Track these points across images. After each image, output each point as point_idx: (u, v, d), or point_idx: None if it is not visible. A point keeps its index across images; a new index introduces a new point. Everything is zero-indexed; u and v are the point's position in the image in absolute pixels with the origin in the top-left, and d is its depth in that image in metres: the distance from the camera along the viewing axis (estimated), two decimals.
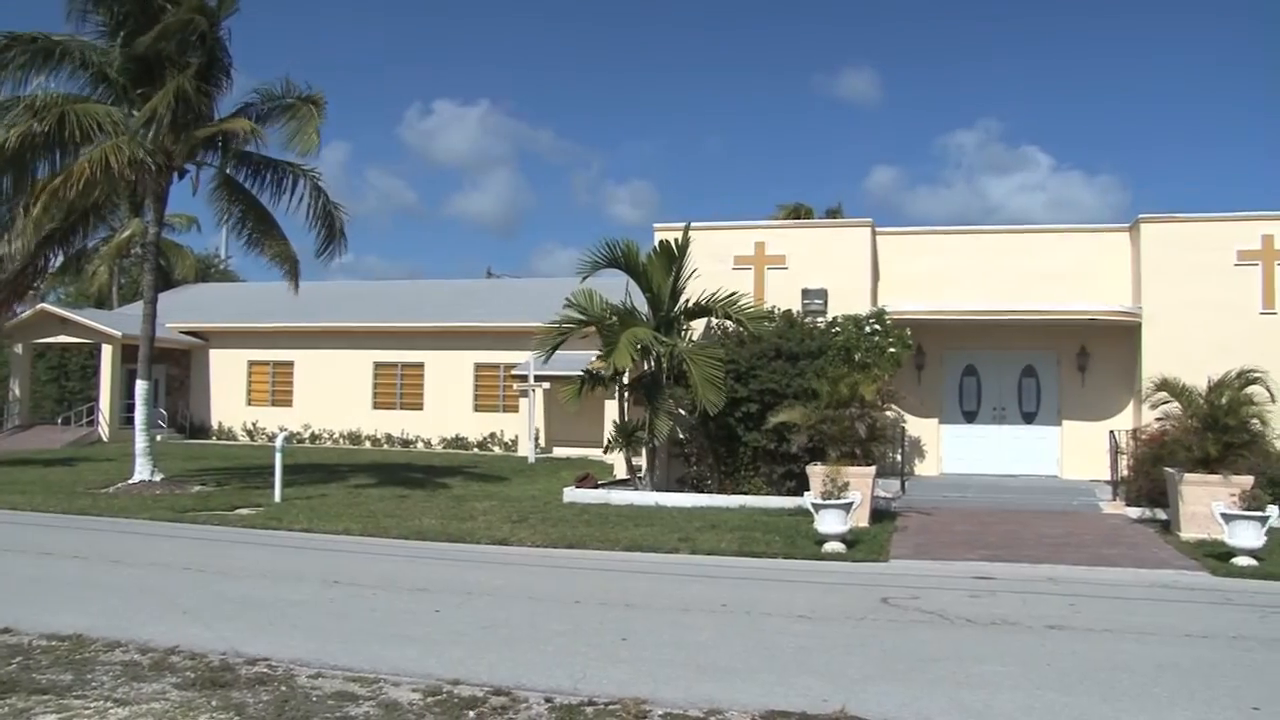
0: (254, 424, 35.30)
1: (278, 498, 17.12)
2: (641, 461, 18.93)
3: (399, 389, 34.64)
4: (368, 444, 34.05)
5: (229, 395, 36.01)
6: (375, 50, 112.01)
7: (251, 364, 36.00)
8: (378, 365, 34.80)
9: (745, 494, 17.55)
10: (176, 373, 36.32)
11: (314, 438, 34.52)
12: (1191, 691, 6.84)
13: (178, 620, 8.46)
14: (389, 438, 34.07)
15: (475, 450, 32.70)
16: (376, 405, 34.70)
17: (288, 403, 35.42)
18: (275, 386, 35.81)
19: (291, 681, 6.73)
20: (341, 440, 34.41)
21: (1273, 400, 14.96)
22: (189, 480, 20.42)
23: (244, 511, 16.04)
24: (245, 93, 25.67)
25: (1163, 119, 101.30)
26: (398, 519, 15.26)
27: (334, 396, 34.57)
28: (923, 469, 21.37)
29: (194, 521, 15.03)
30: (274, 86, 20.14)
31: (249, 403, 35.94)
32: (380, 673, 6.96)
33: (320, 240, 21.17)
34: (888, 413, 17.41)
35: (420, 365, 34.36)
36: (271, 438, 19.45)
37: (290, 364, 35.49)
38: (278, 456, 17.42)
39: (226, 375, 36.09)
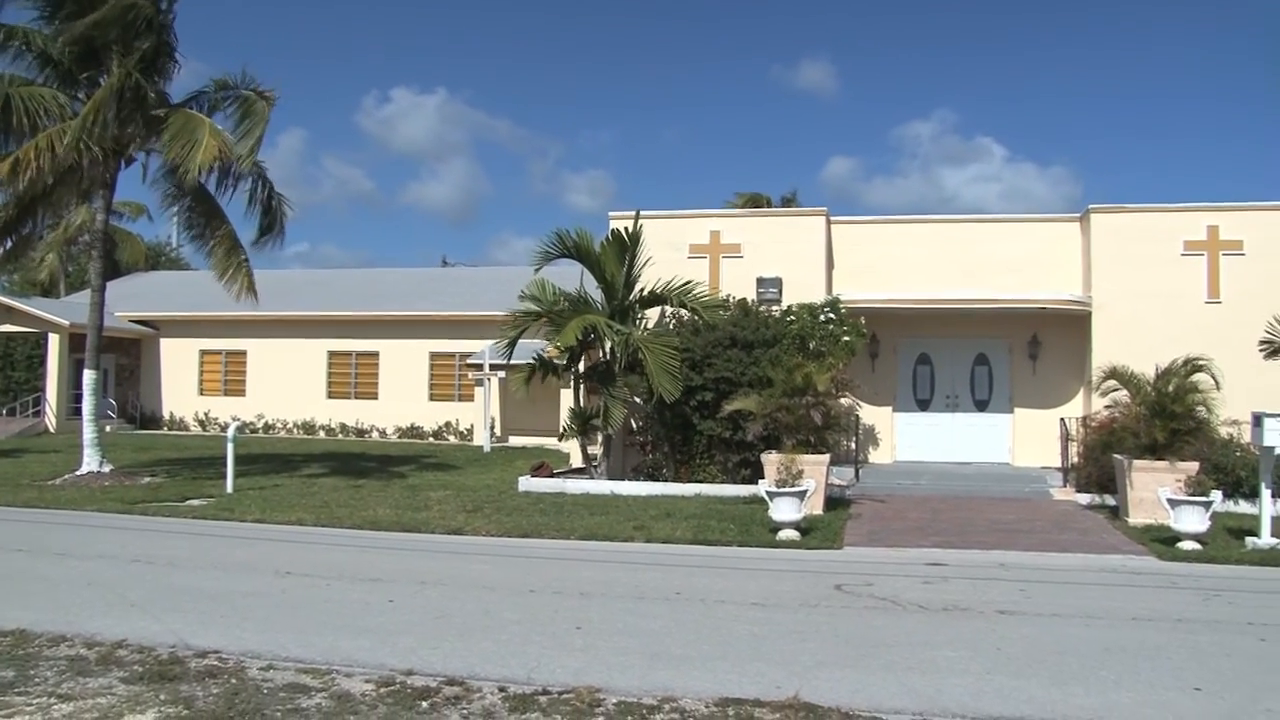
0: (206, 414, 34.93)
1: (230, 488, 16.95)
2: (597, 450, 18.91)
3: (354, 378, 34.41)
4: (322, 434, 33.80)
5: (180, 385, 35.59)
6: (333, 36, 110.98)
7: (203, 353, 35.61)
8: (332, 354, 34.54)
9: (701, 482, 17.60)
10: (126, 362, 35.85)
11: (268, 428, 34.22)
12: (1136, 673, 6.95)
13: (125, 613, 8.34)
14: (344, 427, 33.84)
15: (430, 440, 32.56)
16: (331, 395, 34.45)
17: (241, 392, 35.08)
18: (228, 376, 35.44)
19: (242, 674, 6.66)
20: (295, 430, 34.14)
21: (1217, 388, 15.20)
22: (139, 471, 20.17)
23: (195, 502, 15.86)
24: (202, 79, 25.17)
25: (1112, 111, 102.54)
26: (351, 509, 15.16)
27: (288, 386, 34.28)
28: (877, 457, 21.53)
29: (144, 513, 14.81)
30: (231, 77, 19.68)
31: (201, 392, 35.55)
32: (333, 664, 6.91)
33: (260, 229, 20.82)
34: (842, 401, 17.54)
35: (375, 354, 34.14)
36: (224, 428, 19.25)
37: (243, 353, 35.14)
38: (229, 447, 17.24)
39: (178, 365, 35.66)
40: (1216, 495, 12.67)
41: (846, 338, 18.74)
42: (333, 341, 34.38)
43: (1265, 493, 12.83)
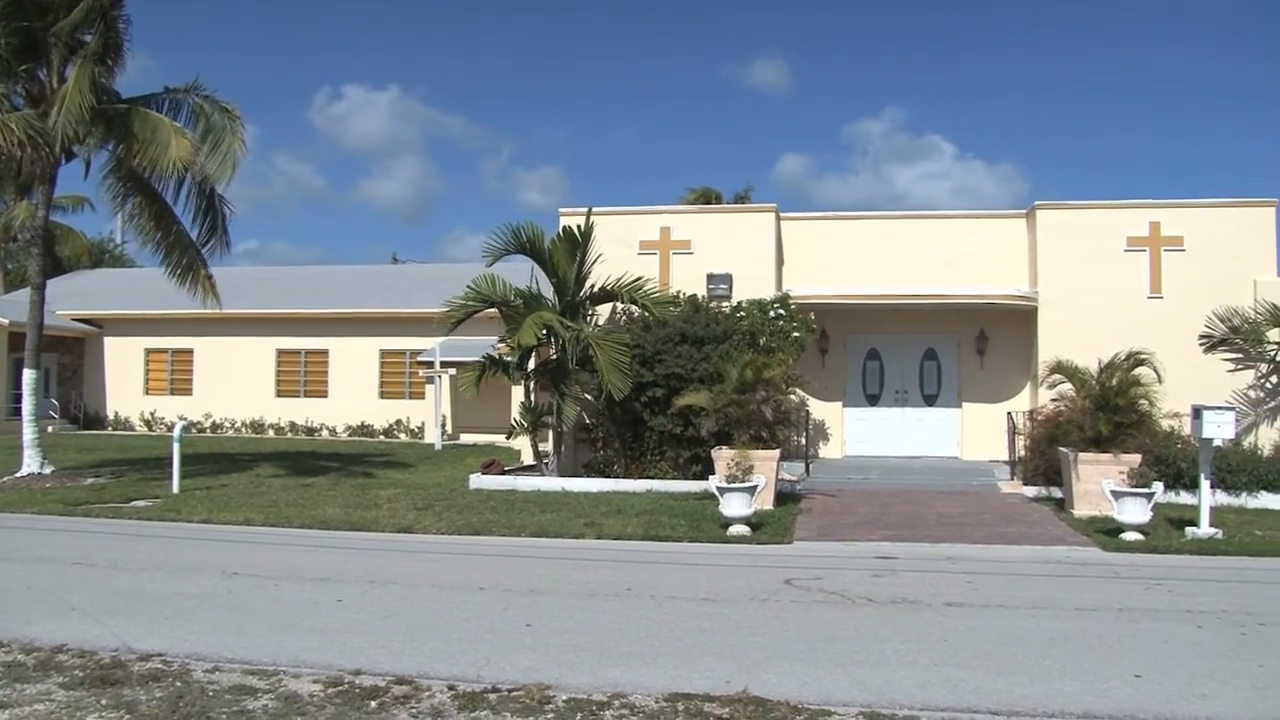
0: (152, 414, 34.44)
1: (176, 488, 16.71)
2: (548, 447, 18.88)
3: (303, 376, 34.09)
4: (271, 432, 33.46)
5: (125, 384, 35.06)
6: (284, 32, 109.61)
7: (149, 352, 35.09)
8: (281, 352, 34.20)
9: (652, 478, 17.62)
10: (69, 361, 35.24)
11: (215, 427, 33.82)
12: (1080, 662, 7.05)
13: (66, 617, 8.19)
14: (293, 426, 33.52)
15: (381, 438, 32.35)
16: (280, 393, 34.10)
17: (187, 391, 34.63)
18: (174, 375, 34.97)
19: (187, 676, 6.57)
20: (244, 429, 33.77)
21: (1159, 381, 15.46)
22: (82, 472, 19.83)
23: (140, 503, 15.61)
24: (150, 74, 24.61)
25: (1059, 109, 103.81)
26: (301, 508, 15.01)
27: (236, 385, 33.89)
28: (827, 451, 21.67)
29: (87, 515, 14.55)
30: (196, 85, 19.30)
31: (147, 392, 35.04)
32: (280, 665, 6.84)
33: (204, 234, 20.51)
34: (792, 396, 17.63)
35: (325, 352, 33.84)
36: (171, 428, 18.97)
37: (190, 351, 34.69)
38: (175, 446, 17.00)
39: (122, 364, 35.11)
40: (1158, 487, 12.88)
41: (796, 333, 18.85)
42: (282, 339, 34.03)
43: (1204, 483, 13.09)
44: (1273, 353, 18.62)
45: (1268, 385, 18.96)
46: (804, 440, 20.09)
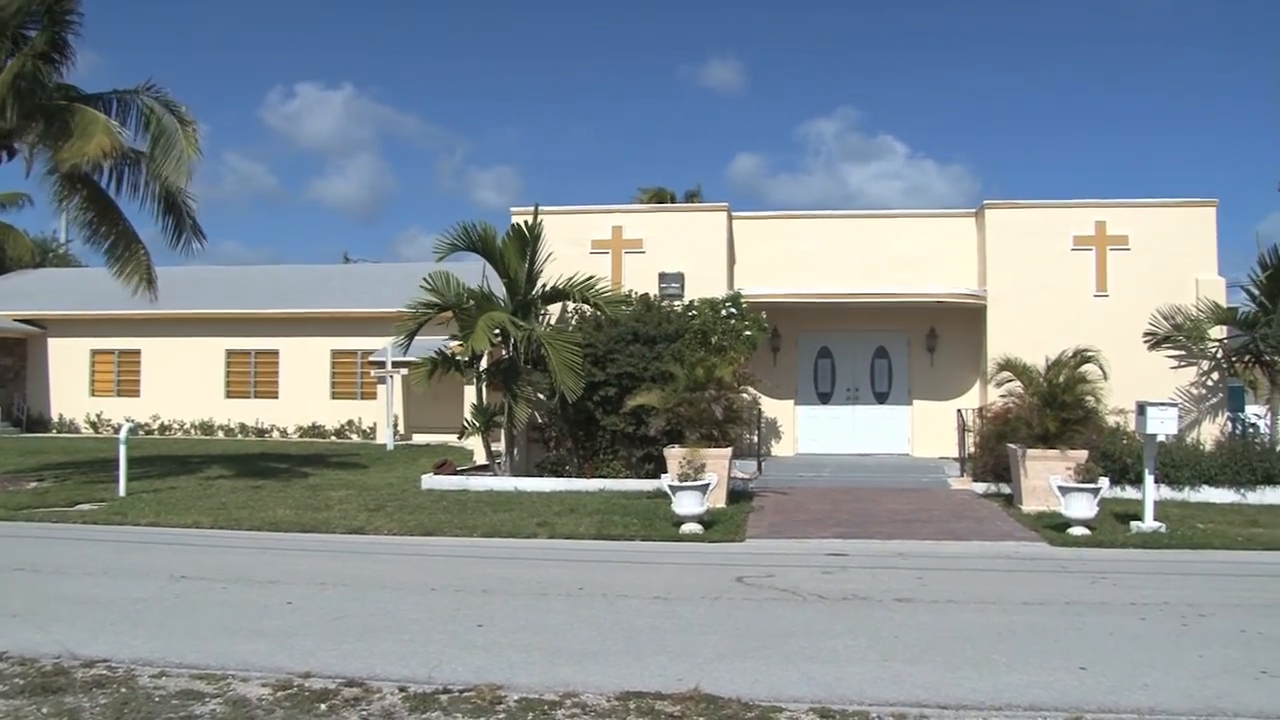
0: (99, 415, 33.92)
1: (123, 491, 16.46)
2: (501, 447, 18.82)
3: (253, 377, 33.72)
4: (221, 434, 33.06)
5: (71, 386, 34.47)
6: (235, 30, 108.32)
7: (95, 353, 34.53)
8: (230, 353, 33.79)
9: (605, 477, 17.62)
10: (11, 363, 34.62)
11: (164, 429, 33.37)
12: (1027, 655, 7.14)
13: (6, 624, 8.01)
14: (243, 427, 33.15)
15: (333, 438, 32.08)
16: (230, 394, 33.70)
17: (135, 393, 34.11)
18: (121, 376, 34.45)
19: (132, 682, 6.47)
20: (193, 431, 33.34)
21: (1105, 378, 15.68)
22: (25, 476, 19.49)
23: (85, 507, 15.37)
24: (97, 71, 24.06)
25: (1009, 110, 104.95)
26: (251, 510, 14.85)
27: (184, 386, 33.43)
28: (779, 449, 21.77)
29: (29, 519, 14.31)
30: (150, 88, 19.03)
31: (93, 393, 34.48)
32: (228, 669, 6.76)
33: (171, 232, 20.20)
34: (744, 395, 17.68)
35: (275, 352, 33.48)
36: (118, 430, 18.66)
37: (137, 352, 34.19)
38: (122, 448, 16.76)
39: (68, 365, 34.52)
40: (1104, 482, 13.09)
41: (748, 332, 18.91)
42: (231, 340, 33.62)
43: (1149, 478, 13.30)
44: (1214, 350, 18.97)
45: (1209, 382, 19.31)
46: (756, 438, 20.18)
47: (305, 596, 9.17)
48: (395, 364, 28.21)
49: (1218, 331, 19.10)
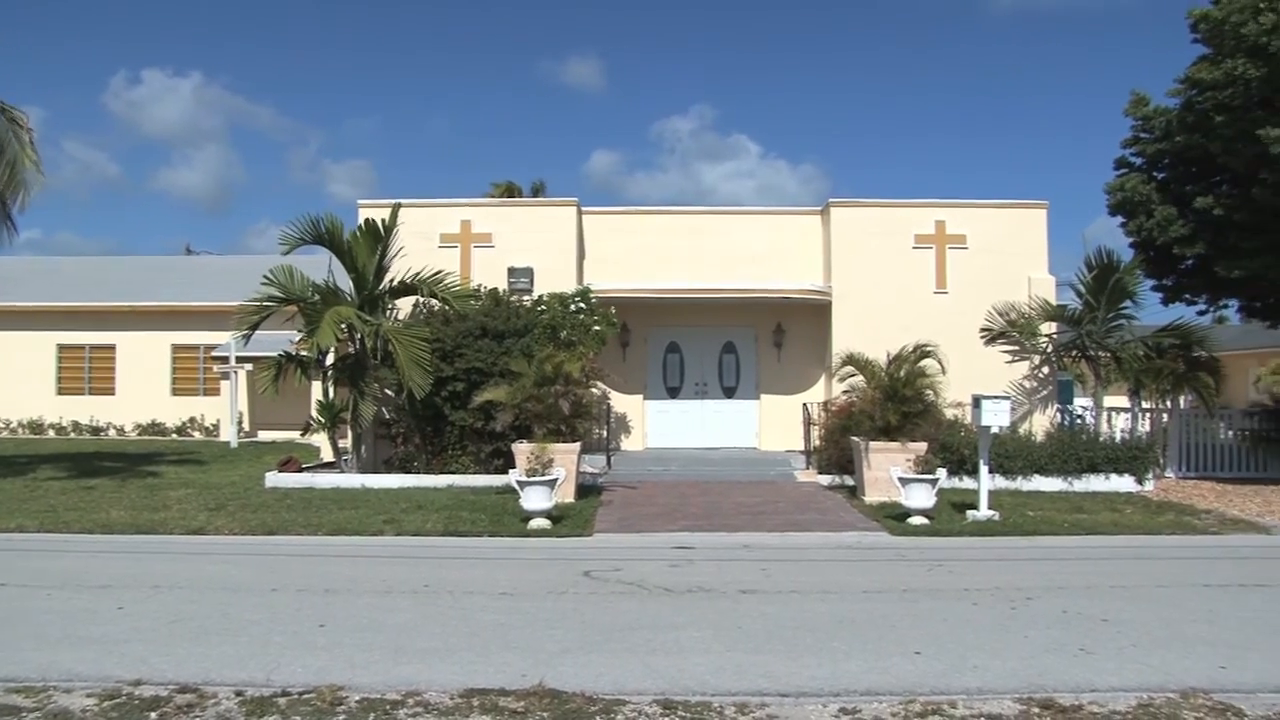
0: None
1: None
2: (348, 443, 18.42)
3: (87, 373, 32.18)
4: (52, 433, 31.47)
5: None
6: (75, 10, 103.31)
7: None
8: (62, 348, 32.16)
9: (454, 473, 17.43)
10: None
11: None
12: (865, 642, 7.31)
13: None
14: (76, 426, 31.62)
15: (174, 436, 30.88)
16: (62, 391, 32.07)
17: None
18: None
19: None
20: (20, 430, 31.64)
21: (944, 372, 16.22)
22: None
23: None
24: None
25: (857, 110, 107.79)
26: (81, 512, 14.15)
27: (11, 382, 31.65)
28: (629, 444, 21.84)
29: None
30: None
31: None
32: (50, 679, 6.40)
33: None
34: (593, 390, 17.71)
35: (111, 347, 32.01)
36: None
37: None
38: None
39: None
40: (941, 473, 13.53)
41: (597, 327, 18.91)
42: (64, 334, 32.01)
43: (983, 469, 13.79)
44: (1044, 345, 19.77)
45: (1040, 375, 20.12)
46: (606, 433, 20.21)
47: (138, 601, 8.77)
48: (240, 359, 27.36)
49: (1048, 328, 19.93)
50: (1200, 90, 17.94)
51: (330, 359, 18.24)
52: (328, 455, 19.38)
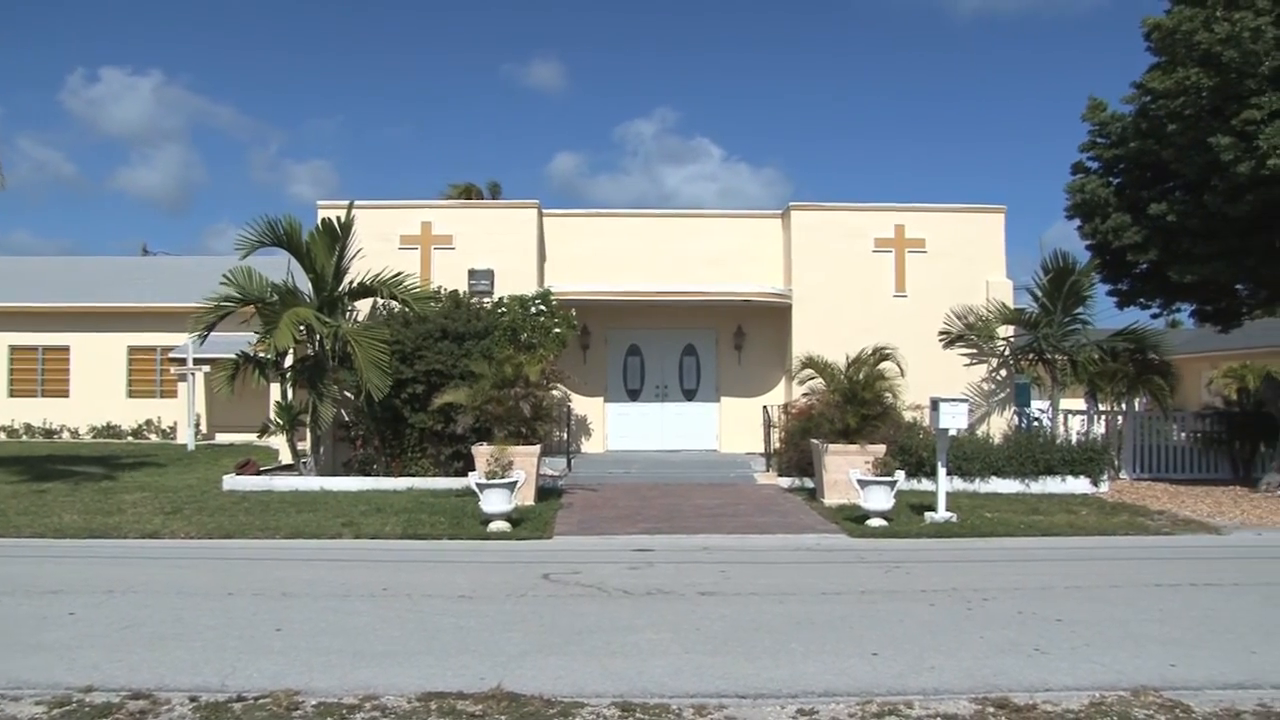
0: None
1: None
2: (307, 446, 18.29)
3: (40, 375, 31.73)
4: (3, 435, 31.01)
5: None
6: (30, 7, 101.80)
7: None
8: (14, 349, 31.70)
9: (413, 476, 17.36)
10: None
11: None
12: (823, 643, 7.36)
13: None
14: (29, 428, 31.16)
15: (130, 439, 30.51)
16: (14, 393, 31.60)
17: None
18: None
19: None
20: None
21: (903, 375, 16.33)
22: None
23: None
24: None
25: (819, 115, 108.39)
26: (33, 516, 13.93)
27: None
28: (589, 446, 21.82)
29: None
30: None
31: None
32: None
33: None
34: (553, 392, 17.68)
35: (65, 348, 31.59)
36: None
37: None
38: None
39: None
40: (900, 475, 13.62)
41: (557, 329, 18.88)
42: (15, 335, 31.55)
43: (941, 471, 13.90)
44: (1002, 348, 19.95)
45: (998, 378, 20.30)
46: (566, 436, 20.19)
47: (91, 606, 8.66)
48: (197, 361, 27.09)
49: (1006, 331, 20.10)
50: (1154, 98, 18.16)
51: (289, 360, 18.07)
52: (286, 458, 19.22)
